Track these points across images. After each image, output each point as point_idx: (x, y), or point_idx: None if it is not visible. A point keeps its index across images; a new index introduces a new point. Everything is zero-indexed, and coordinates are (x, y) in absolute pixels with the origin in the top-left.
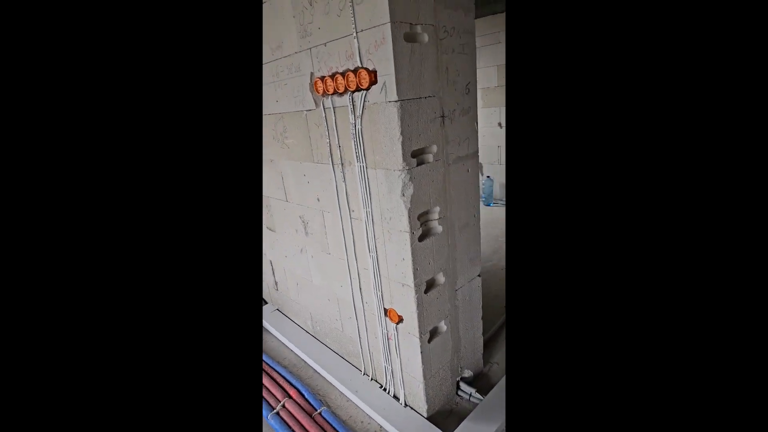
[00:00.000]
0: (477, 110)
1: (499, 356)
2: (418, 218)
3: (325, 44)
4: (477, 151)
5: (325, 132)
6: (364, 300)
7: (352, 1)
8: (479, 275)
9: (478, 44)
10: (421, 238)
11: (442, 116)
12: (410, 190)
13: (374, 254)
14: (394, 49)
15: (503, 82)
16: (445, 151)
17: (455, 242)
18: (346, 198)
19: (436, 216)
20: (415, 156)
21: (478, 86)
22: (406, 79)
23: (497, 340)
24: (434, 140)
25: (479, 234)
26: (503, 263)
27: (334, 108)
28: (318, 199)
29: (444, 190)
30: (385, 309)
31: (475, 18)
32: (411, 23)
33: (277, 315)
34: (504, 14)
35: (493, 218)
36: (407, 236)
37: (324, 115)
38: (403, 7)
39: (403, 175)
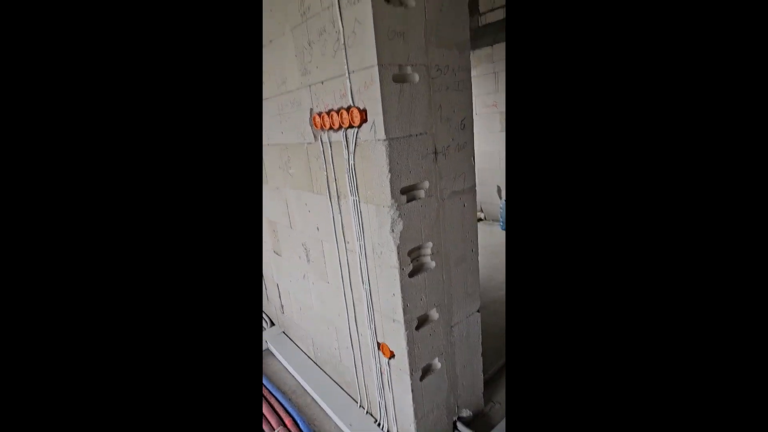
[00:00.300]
0: (474, 145)
1: (502, 395)
2: (409, 254)
3: (322, 82)
4: (474, 186)
5: (323, 164)
6: (359, 331)
7: (344, 44)
8: (478, 310)
9: (497, 69)
10: (411, 274)
11: (435, 152)
12: (399, 227)
13: (367, 287)
14: (381, 90)
15: None
16: (439, 187)
17: (450, 277)
18: (342, 230)
19: (428, 251)
20: (406, 192)
21: (498, 110)
22: (394, 118)
23: (502, 378)
24: (426, 176)
25: (477, 268)
26: None
27: (330, 142)
28: (318, 228)
29: (438, 226)
30: (378, 343)
31: (494, 44)
32: (400, 65)
33: (282, 338)
34: None
35: None
36: (396, 272)
37: (322, 148)
38: (391, 49)
39: (392, 212)
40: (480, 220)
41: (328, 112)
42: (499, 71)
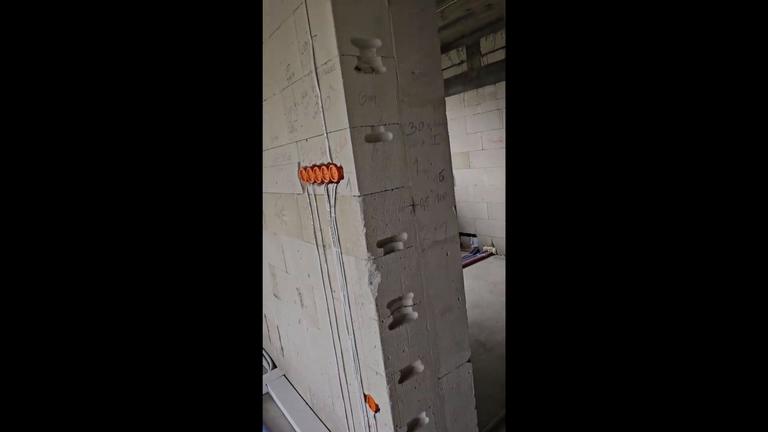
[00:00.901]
0: (455, 194)
1: None
2: (389, 306)
3: (306, 140)
4: (457, 234)
5: (310, 215)
6: (347, 381)
7: (322, 108)
8: (469, 360)
9: (500, 107)
10: (392, 326)
11: (413, 205)
12: (377, 279)
13: (352, 337)
14: (353, 150)
15: None
16: (419, 237)
17: (436, 328)
18: (328, 278)
19: (410, 302)
20: (383, 245)
21: (502, 145)
22: (368, 175)
23: (502, 431)
24: (405, 228)
25: (465, 317)
26: None
27: (315, 195)
28: (309, 275)
29: (419, 276)
30: (364, 394)
31: (497, 83)
32: (372, 125)
33: (282, 381)
34: None
35: None
36: (376, 324)
37: (308, 200)
38: (363, 113)
39: (369, 265)
40: (491, 254)
41: (312, 167)
42: (503, 108)
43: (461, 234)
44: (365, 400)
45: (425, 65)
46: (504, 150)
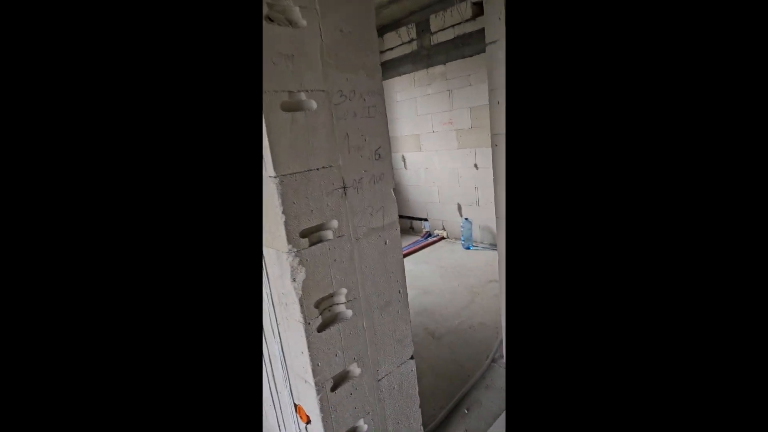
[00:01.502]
0: (393, 175)
1: None
2: (317, 305)
3: None
4: (396, 220)
5: None
6: (278, 390)
7: None
8: (412, 357)
9: (450, 87)
10: (321, 328)
11: (344, 187)
12: (301, 275)
13: (279, 341)
14: (266, 120)
15: (477, 123)
16: (352, 224)
17: (374, 325)
18: None
19: (342, 299)
20: (308, 235)
21: (454, 127)
22: (287, 152)
23: (450, 425)
24: (334, 214)
25: (407, 311)
26: (474, 320)
27: None
28: None
29: (353, 268)
30: (295, 404)
31: (447, 62)
32: (291, 91)
33: None
34: (473, 58)
35: (471, 264)
36: (302, 327)
37: None
38: (278, 74)
39: (291, 259)
40: (443, 238)
41: None
42: (453, 89)
43: (413, 218)
44: (296, 411)
45: (356, 23)
46: (454, 132)
